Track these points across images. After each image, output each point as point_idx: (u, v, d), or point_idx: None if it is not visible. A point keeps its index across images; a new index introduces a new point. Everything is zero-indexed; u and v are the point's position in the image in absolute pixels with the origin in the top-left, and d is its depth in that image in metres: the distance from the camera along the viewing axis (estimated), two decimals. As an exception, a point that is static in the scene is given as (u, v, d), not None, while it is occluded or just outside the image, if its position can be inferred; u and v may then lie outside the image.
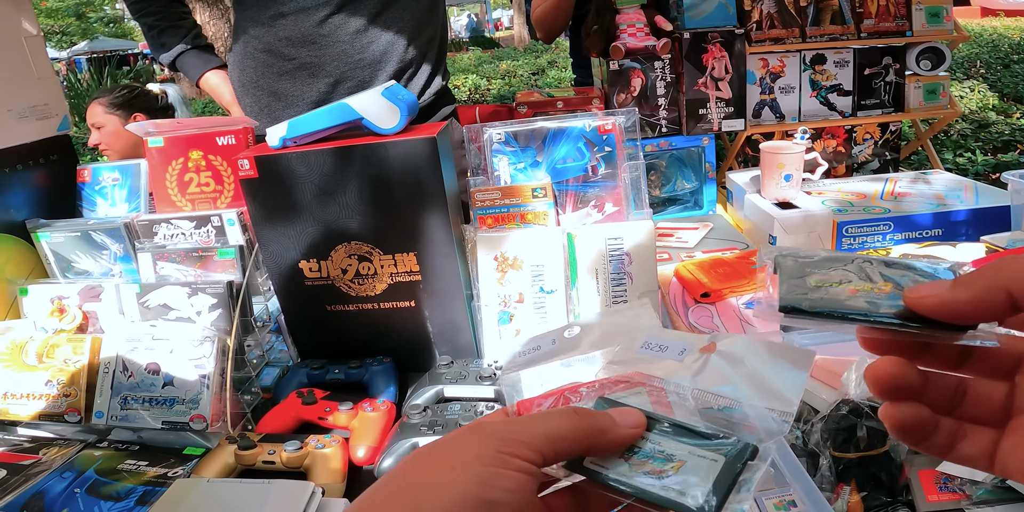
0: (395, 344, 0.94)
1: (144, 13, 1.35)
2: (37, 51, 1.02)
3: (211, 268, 0.91)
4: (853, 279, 0.30)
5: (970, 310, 0.26)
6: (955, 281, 0.26)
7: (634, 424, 0.32)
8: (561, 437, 0.30)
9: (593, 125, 0.95)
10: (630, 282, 0.89)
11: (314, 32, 1.19)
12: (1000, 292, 0.25)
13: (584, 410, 0.33)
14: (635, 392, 0.36)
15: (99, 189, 1.05)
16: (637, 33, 1.51)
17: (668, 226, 1.50)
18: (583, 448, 0.31)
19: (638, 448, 0.32)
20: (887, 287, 0.29)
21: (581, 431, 0.31)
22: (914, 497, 0.55)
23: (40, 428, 0.87)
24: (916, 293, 0.27)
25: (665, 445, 0.32)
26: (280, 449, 0.73)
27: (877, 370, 0.28)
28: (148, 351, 0.82)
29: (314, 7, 1.17)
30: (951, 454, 0.29)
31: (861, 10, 1.54)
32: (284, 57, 1.21)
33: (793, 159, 1.35)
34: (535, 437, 0.30)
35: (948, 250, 1.12)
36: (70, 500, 0.69)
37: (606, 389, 0.37)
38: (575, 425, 0.31)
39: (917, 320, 0.27)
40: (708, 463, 0.30)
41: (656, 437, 0.32)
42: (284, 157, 0.85)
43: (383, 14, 1.20)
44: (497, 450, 0.29)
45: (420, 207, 0.86)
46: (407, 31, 1.22)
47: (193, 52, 1.37)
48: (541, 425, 0.31)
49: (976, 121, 2.92)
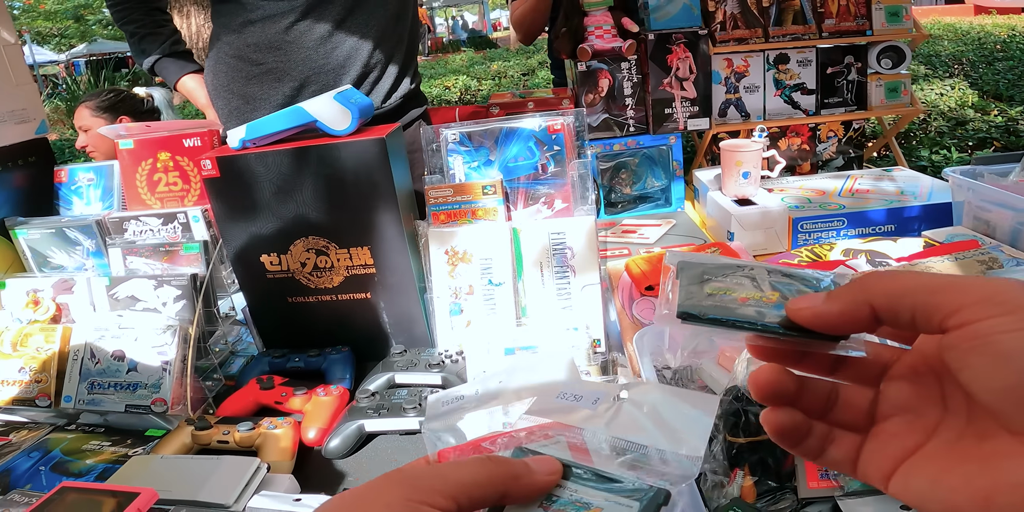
0: (353, 334, 0.99)
1: (126, 21, 1.42)
2: (15, 59, 1.07)
3: (177, 262, 0.96)
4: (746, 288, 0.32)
5: (839, 322, 0.28)
6: (828, 295, 0.29)
7: (550, 471, 0.33)
8: (475, 484, 0.31)
9: (543, 125, 0.99)
10: (573, 275, 0.94)
11: (280, 38, 1.24)
12: (864, 306, 0.27)
13: (499, 458, 0.33)
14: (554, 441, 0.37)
15: (75, 189, 1.10)
16: (604, 35, 1.56)
17: (632, 223, 1.54)
18: (498, 495, 0.32)
19: (556, 497, 0.33)
20: (774, 296, 0.31)
21: (496, 478, 0.31)
22: (797, 483, 0.59)
23: (14, 413, 0.92)
24: (795, 305, 0.29)
25: (582, 493, 0.32)
26: (234, 430, 0.78)
27: (758, 377, 0.31)
28: (114, 339, 0.87)
29: (279, 14, 1.23)
30: (821, 458, 0.31)
31: (822, 10, 1.58)
32: (252, 62, 1.26)
33: (751, 157, 1.40)
34: (448, 484, 0.30)
35: (889, 245, 1.16)
36: (35, 476, 0.74)
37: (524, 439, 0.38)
38: (490, 472, 0.31)
39: (797, 329, 0.30)
40: (624, 509, 0.32)
41: (573, 485, 0.33)
42: (244, 157, 0.90)
43: (347, 21, 1.25)
44: (407, 498, 0.29)
45: (372, 204, 0.90)
46: (371, 36, 1.27)
47: (170, 58, 1.43)
48: (454, 473, 0.31)
49: (954, 118, 2.96)
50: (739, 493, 0.60)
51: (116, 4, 1.41)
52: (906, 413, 0.29)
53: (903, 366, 0.30)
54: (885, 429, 0.29)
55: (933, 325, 0.25)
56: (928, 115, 3.07)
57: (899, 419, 0.29)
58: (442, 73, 6.18)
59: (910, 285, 0.26)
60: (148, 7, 1.42)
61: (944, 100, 3.09)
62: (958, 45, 4.25)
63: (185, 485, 0.67)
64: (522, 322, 0.95)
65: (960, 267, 0.97)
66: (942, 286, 0.25)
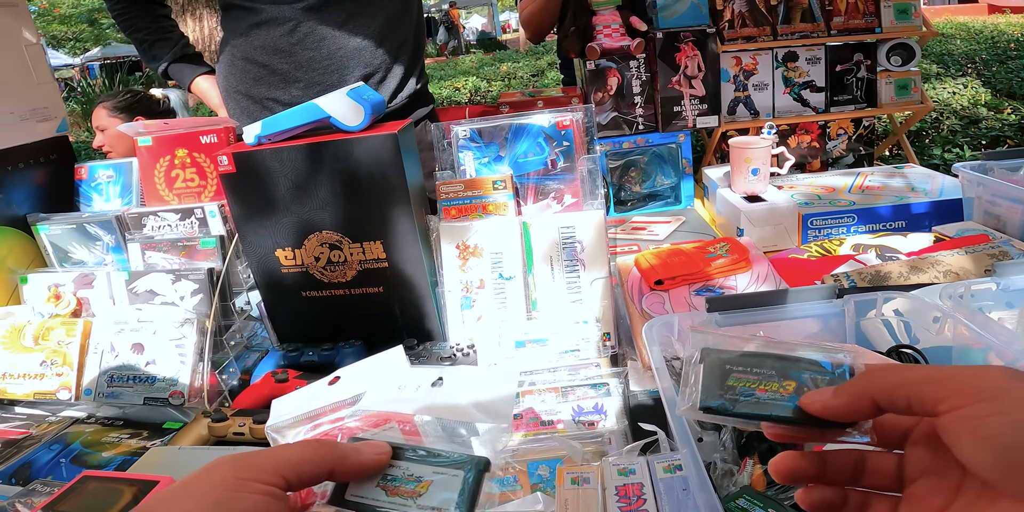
0: (366, 328, 1.00)
1: (133, 29, 1.47)
2: (37, 58, 1.10)
3: (194, 257, 0.98)
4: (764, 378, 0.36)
5: (847, 413, 0.32)
6: (836, 390, 0.33)
7: (377, 452, 0.37)
8: (302, 461, 0.34)
9: (553, 121, 1.00)
10: (582, 269, 0.95)
11: (284, 41, 1.28)
12: (867, 399, 0.31)
13: (327, 440, 0.37)
14: (387, 427, 0.43)
15: (95, 185, 1.13)
16: (613, 34, 1.57)
17: (642, 220, 1.55)
18: (326, 472, 0.35)
19: (392, 476, 0.37)
20: (791, 387, 0.35)
21: (323, 457, 0.35)
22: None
23: (35, 406, 0.94)
24: (808, 399, 0.34)
25: (414, 469, 0.37)
26: (249, 422, 0.79)
27: (777, 465, 0.34)
28: (133, 333, 0.89)
29: (283, 18, 1.26)
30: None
31: (831, 8, 1.58)
32: (259, 64, 1.30)
33: (759, 153, 1.40)
34: (276, 462, 0.33)
35: (899, 240, 1.16)
36: (55, 468, 0.76)
37: (358, 430, 0.43)
38: (316, 451, 0.35)
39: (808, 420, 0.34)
40: (450, 479, 0.37)
41: (406, 464, 0.38)
42: (259, 153, 0.92)
43: (349, 23, 1.27)
44: (236, 476, 0.31)
45: (384, 198, 0.92)
46: (374, 37, 1.30)
47: (182, 62, 1.48)
48: (281, 452, 0.34)
49: (966, 117, 2.94)
50: (749, 481, 0.61)
51: (121, 14, 1.46)
52: (931, 475, 0.31)
53: (920, 432, 0.32)
54: (915, 492, 0.31)
55: (927, 411, 0.29)
56: (940, 114, 3.06)
57: (925, 481, 0.31)
58: (452, 74, 6.21)
59: (905, 379, 0.30)
60: (154, 14, 1.47)
61: (956, 99, 3.07)
62: (971, 44, 4.22)
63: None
64: (532, 316, 0.96)
65: (971, 261, 0.97)
66: (932, 377, 0.29)
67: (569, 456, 0.69)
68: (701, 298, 0.98)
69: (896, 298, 0.79)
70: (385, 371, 0.53)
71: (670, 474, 0.60)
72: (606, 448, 0.72)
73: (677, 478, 0.60)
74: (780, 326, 0.78)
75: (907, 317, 0.79)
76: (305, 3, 1.26)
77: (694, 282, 1.04)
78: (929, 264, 0.99)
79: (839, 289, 0.78)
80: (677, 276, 1.04)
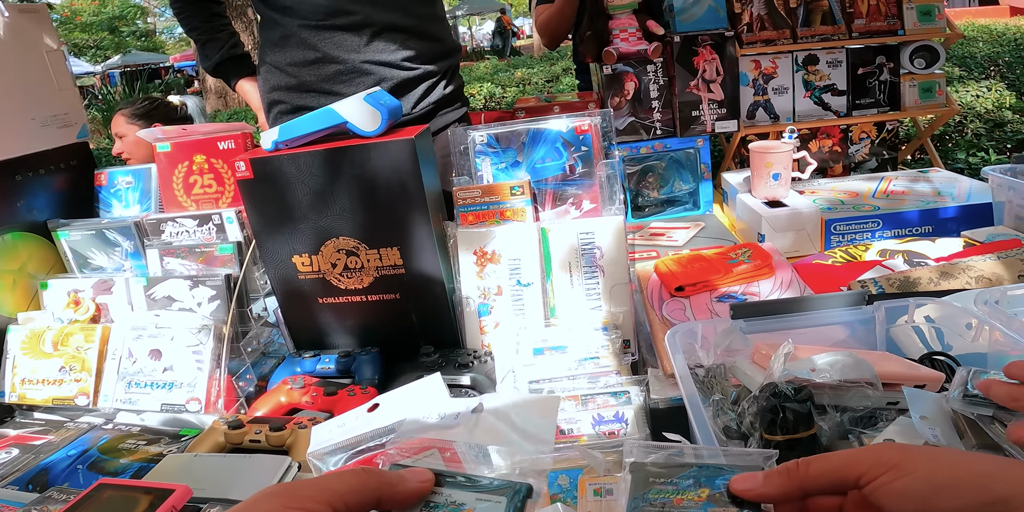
0: (383, 335, 0.99)
1: (189, 28, 1.52)
2: (58, 64, 1.11)
3: (212, 263, 0.98)
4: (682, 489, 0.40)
5: (775, 497, 0.38)
6: (765, 477, 0.38)
7: (422, 479, 0.37)
8: (349, 491, 0.34)
9: (570, 126, 0.99)
10: (602, 275, 0.93)
11: (311, 54, 1.29)
12: (796, 489, 0.37)
13: (373, 469, 0.37)
14: (428, 454, 0.44)
15: (114, 192, 1.13)
16: (629, 38, 1.56)
17: (661, 225, 1.53)
18: (373, 501, 0.35)
19: (434, 503, 0.37)
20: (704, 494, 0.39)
21: (369, 486, 0.35)
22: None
23: (54, 412, 0.94)
24: (739, 484, 0.38)
25: (456, 496, 0.37)
26: (265, 429, 0.78)
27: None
28: (151, 338, 0.89)
29: (309, 30, 1.28)
30: None
31: (852, 10, 1.56)
32: (289, 75, 1.33)
33: (780, 158, 1.38)
34: (323, 492, 0.33)
35: (927, 245, 1.13)
36: (72, 475, 0.76)
37: (399, 456, 0.43)
38: (363, 480, 0.35)
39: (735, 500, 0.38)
40: (493, 505, 0.37)
41: (448, 490, 0.38)
42: (276, 159, 0.92)
43: (382, 35, 1.28)
44: (285, 506, 0.32)
45: (401, 204, 0.91)
46: (401, 50, 1.30)
47: (228, 62, 1.52)
48: (328, 482, 0.35)
49: (991, 120, 2.88)
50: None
51: (179, 13, 1.51)
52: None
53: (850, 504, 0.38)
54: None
55: (853, 486, 0.36)
56: (964, 117, 3.00)
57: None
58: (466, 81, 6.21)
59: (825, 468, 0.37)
60: (207, 13, 1.51)
61: (980, 102, 3.01)
62: (993, 46, 4.15)
63: (218, 483, 0.68)
64: (551, 322, 0.94)
65: (1003, 266, 0.95)
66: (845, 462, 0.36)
67: (591, 467, 0.67)
68: (723, 305, 0.96)
69: (928, 304, 0.77)
70: (424, 398, 0.54)
71: None
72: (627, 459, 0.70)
73: None
74: (807, 333, 0.76)
75: (939, 323, 0.77)
76: (331, 21, 1.27)
77: (715, 288, 1.02)
78: (960, 270, 0.96)
79: (868, 295, 0.76)
80: (698, 282, 1.02)
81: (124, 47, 16.50)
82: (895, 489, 0.34)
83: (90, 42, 16.81)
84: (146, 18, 17.86)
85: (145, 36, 18.23)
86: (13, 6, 1.08)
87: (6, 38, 1.05)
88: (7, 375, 0.96)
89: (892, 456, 0.35)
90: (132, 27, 16.62)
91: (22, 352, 0.95)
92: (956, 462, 0.34)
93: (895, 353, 0.76)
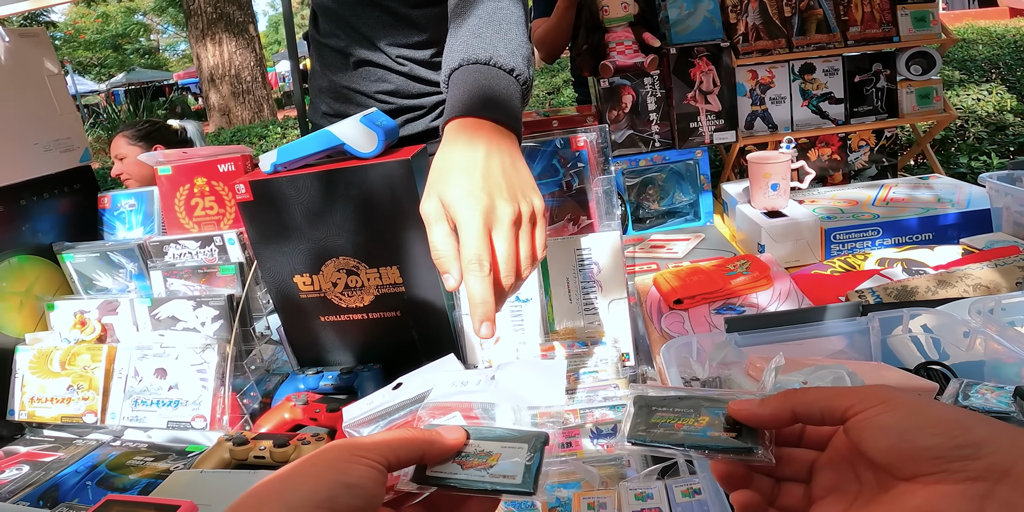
0: (384, 351, 1.00)
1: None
2: (59, 89, 1.13)
3: (215, 283, 1.00)
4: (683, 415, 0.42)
5: (769, 420, 0.39)
6: (761, 401, 0.40)
7: (456, 436, 0.44)
8: (399, 446, 0.40)
9: (566, 142, 1.01)
10: (599, 290, 0.94)
11: (342, 85, 1.26)
12: (787, 411, 0.39)
13: (416, 428, 0.44)
14: (451, 416, 0.52)
15: (118, 214, 1.15)
16: (626, 51, 1.57)
17: (661, 238, 1.54)
18: (418, 455, 0.41)
19: (464, 453, 0.43)
20: (704, 421, 0.41)
21: (415, 442, 0.41)
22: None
23: (63, 429, 0.95)
24: (736, 406, 0.40)
25: (483, 446, 0.43)
26: (270, 445, 0.79)
27: (718, 470, 0.41)
28: (157, 358, 0.90)
29: (337, 66, 1.24)
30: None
31: (846, 18, 1.57)
32: (327, 105, 1.30)
33: (779, 168, 1.39)
34: (379, 446, 0.40)
35: (926, 253, 1.14)
36: (82, 491, 0.77)
37: (430, 417, 0.53)
38: (410, 437, 0.42)
39: (718, 449, 0.40)
40: (516, 450, 0.42)
41: (475, 442, 0.44)
42: (276, 181, 0.93)
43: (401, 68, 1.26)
44: (351, 454, 0.38)
45: (400, 223, 0.92)
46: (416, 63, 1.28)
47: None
48: (381, 438, 0.41)
49: (992, 124, 2.88)
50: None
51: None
52: (833, 492, 0.39)
53: (824, 460, 0.40)
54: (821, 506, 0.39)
55: (836, 419, 0.37)
56: (966, 121, 3.00)
57: (830, 498, 0.39)
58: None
59: (820, 395, 0.38)
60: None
61: (981, 105, 3.01)
62: (993, 49, 4.15)
63: (224, 498, 0.69)
64: (550, 338, 0.95)
65: (1000, 274, 0.95)
66: (840, 393, 0.37)
67: (587, 480, 0.68)
68: (721, 317, 0.97)
69: (922, 314, 0.77)
70: (442, 373, 0.64)
71: (688, 498, 0.59)
72: (624, 471, 0.71)
73: (695, 502, 0.59)
74: (803, 345, 0.77)
75: (936, 333, 0.77)
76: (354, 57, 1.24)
77: (714, 301, 1.03)
78: (957, 278, 0.97)
79: (862, 306, 0.76)
80: (696, 295, 1.02)
81: (128, 65, 16.67)
82: (879, 422, 0.34)
83: (94, 60, 17.01)
84: (149, 35, 18.07)
85: (148, 53, 18.42)
86: (13, 30, 1.10)
87: (7, 63, 1.07)
88: (16, 394, 0.97)
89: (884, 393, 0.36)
90: (135, 45, 16.80)
91: (31, 372, 0.97)
92: (944, 407, 0.35)
93: (892, 363, 0.76)
